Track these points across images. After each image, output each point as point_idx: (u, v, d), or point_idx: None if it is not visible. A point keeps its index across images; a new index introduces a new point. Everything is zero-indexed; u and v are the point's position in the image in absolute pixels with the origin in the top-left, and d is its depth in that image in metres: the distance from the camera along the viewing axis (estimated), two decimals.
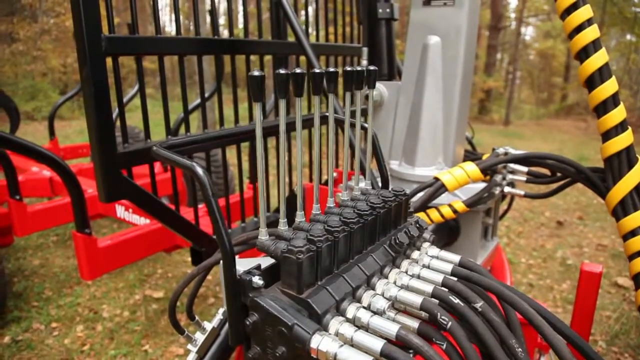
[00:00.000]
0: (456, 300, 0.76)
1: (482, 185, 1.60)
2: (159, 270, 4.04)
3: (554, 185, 1.62)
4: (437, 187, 1.47)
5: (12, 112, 5.06)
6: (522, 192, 1.69)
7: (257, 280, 0.71)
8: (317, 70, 0.76)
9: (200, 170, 0.73)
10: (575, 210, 6.21)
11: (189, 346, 1.16)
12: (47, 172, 3.93)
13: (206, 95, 3.08)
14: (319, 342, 0.64)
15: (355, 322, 0.72)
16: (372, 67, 0.90)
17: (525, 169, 1.66)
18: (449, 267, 0.88)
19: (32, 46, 16.45)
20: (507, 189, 1.69)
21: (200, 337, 1.15)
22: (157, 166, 3.76)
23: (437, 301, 0.78)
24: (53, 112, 5.03)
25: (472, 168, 1.49)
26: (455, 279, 0.85)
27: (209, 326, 1.14)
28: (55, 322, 3.20)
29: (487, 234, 1.84)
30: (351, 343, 0.67)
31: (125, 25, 4.41)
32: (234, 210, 2.57)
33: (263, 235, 0.77)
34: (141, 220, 3.03)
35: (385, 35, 1.90)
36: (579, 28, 1.26)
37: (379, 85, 1.87)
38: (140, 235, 2.70)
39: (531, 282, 4.03)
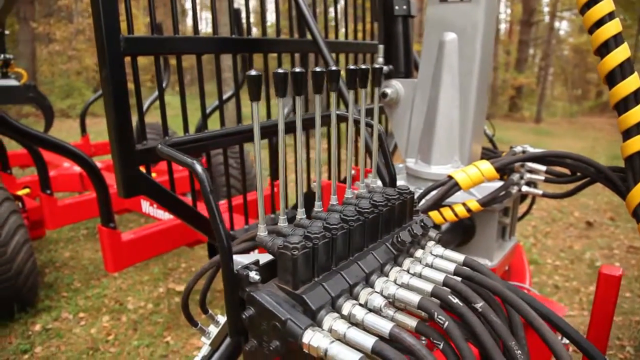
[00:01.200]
0: (455, 300, 0.76)
1: (500, 184, 1.57)
2: (183, 265, 4.14)
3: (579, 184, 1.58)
4: (451, 186, 1.45)
5: (47, 110, 5.28)
6: (540, 192, 1.65)
7: (254, 275, 0.73)
8: (317, 69, 0.77)
9: (199, 168, 0.75)
10: (607, 210, 5.99)
11: (203, 339, 1.19)
12: (77, 168, 4.08)
13: (229, 94, 3.11)
14: (311, 337, 0.65)
15: (350, 319, 0.72)
16: (377, 66, 0.90)
17: (543, 167, 1.62)
18: (452, 267, 0.87)
19: (67, 46, 17.09)
20: (525, 188, 1.65)
21: (213, 330, 1.17)
22: None
23: (436, 300, 0.77)
24: (84, 110, 5.22)
25: (486, 167, 1.46)
26: (459, 278, 0.84)
27: (222, 319, 1.17)
28: (83, 312, 3.33)
29: (505, 234, 1.80)
30: (344, 340, 0.67)
31: (161, 25, 4.52)
32: (252, 206, 2.60)
33: (262, 232, 0.79)
34: (165, 216, 3.11)
35: (402, 32, 1.88)
36: (600, 22, 1.22)
37: (395, 82, 1.86)
38: (162, 229, 2.78)
39: (557, 283, 3.91)
